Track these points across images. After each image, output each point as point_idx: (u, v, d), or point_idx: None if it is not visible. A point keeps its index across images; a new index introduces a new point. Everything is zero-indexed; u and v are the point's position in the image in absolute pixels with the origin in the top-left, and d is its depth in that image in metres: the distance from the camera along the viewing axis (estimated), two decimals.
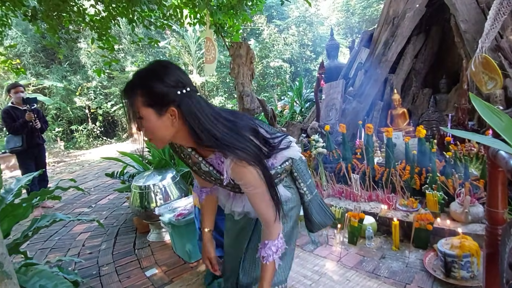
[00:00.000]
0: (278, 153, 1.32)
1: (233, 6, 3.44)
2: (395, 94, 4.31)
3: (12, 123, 4.13)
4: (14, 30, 10.95)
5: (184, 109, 1.10)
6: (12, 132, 4.19)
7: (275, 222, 1.23)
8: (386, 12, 4.64)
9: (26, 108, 4.17)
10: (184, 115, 1.10)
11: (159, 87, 1.07)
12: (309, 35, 15.50)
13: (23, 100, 4.18)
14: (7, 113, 4.21)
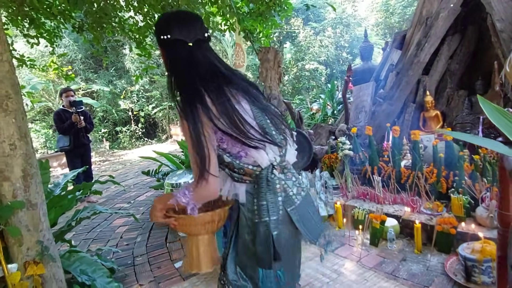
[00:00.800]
0: (250, 150, 1.26)
1: (262, 13, 3.57)
2: (428, 96, 4.22)
3: (61, 124, 4.56)
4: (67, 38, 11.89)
5: (166, 53, 1.30)
6: (61, 132, 4.62)
7: (197, 181, 1.18)
8: (419, 12, 4.54)
9: (73, 111, 4.58)
10: (166, 57, 1.30)
11: (156, 30, 1.32)
12: (345, 37, 15.29)
13: (71, 103, 4.59)
14: (58, 115, 4.65)
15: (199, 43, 1.28)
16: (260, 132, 1.27)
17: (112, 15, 3.34)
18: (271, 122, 1.33)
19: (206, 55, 1.31)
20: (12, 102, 1.91)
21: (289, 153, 1.35)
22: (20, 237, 1.93)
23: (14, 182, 1.91)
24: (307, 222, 1.35)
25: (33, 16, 3.22)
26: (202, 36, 1.30)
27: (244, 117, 1.25)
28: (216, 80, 1.27)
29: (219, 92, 1.25)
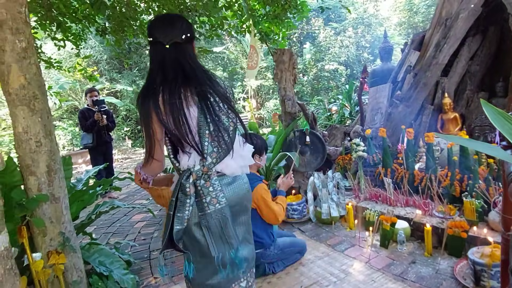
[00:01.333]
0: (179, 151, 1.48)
1: (277, 15, 3.63)
2: (446, 98, 4.15)
3: (85, 122, 4.77)
4: (93, 40, 12.34)
5: (150, 53, 1.49)
6: (84, 130, 4.83)
7: (145, 161, 1.47)
8: (439, 13, 4.47)
9: (95, 109, 4.78)
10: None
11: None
12: (367, 37, 15.08)
13: (94, 102, 4.80)
14: (82, 113, 4.87)
15: (175, 45, 1.44)
16: (194, 139, 1.42)
17: (134, 18, 3.49)
18: (210, 134, 1.44)
19: (178, 57, 1.45)
20: (39, 102, 2.05)
21: (226, 164, 1.47)
22: (44, 228, 2.08)
23: (39, 176, 2.05)
24: (215, 234, 1.44)
25: (60, 20, 3.41)
26: (179, 39, 1.44)
27: (188, 122, 1.41)
28: (176, 83, 1.42)
29: (173, 94, 1.40)
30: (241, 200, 1.53)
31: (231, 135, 1.49)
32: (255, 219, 2.43)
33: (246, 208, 1.59)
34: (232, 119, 1.51)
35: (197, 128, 1.43)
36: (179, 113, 1.40)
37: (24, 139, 2.01)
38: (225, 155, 1.47)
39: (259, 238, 2.43)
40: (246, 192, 1.56)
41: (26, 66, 1.99)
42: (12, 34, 1.92)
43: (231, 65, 15.03)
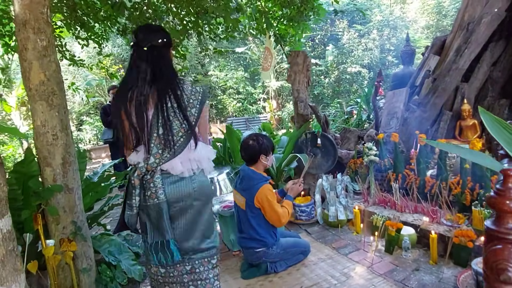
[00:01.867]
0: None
1: (292, 18, 3.65)
2: (465, 104, 4.04)
3: (106, 118, 4.97)
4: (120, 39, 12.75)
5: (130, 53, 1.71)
6: (105, 125, 5.03)
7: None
8: (461, 17, 4.36)
9: None
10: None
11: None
12: (392, 40, 14.78)
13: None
14: (104, 110, 5.07)
15: (152, 48, 1.65)
16: (144, 137, 1.62)
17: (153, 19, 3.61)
18: (157, 136, 1.62)
19: (152, 59, 1.65)
20: (57, 98, 2.18)
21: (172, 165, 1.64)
22: (57, 217, 2.21)
23: (54, 168, 2.18)
24: (153, 224, 1.66)
25: (84, 20, 3.58)
26: (156, 43, 1.66)
27: (146, 120, 1.61)
28: (144, 82, 1.63)
29: (140, 92, 1.61)
30: (185, 198, 1.67)
31: (180, 140, 1.64)
32: (259, 218, 2.48)
33: (192, 205, 1.69)
34: (184, 126, 1.64)
35: (149, 128, 1.62)
36: (140, 111, 1.61)
37: (42, 132, 2.14)
38: (171, 157, 1.63)
39: (261, 237, 2.47)
40: (192, 192, 1.67)
41: (46, 64, 2.12)
42: (34, 33, 2.05)
43: (253, 66, 15.13)
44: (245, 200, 2.48)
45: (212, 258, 1.78)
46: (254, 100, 14.76)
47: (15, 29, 2.07)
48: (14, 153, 7.94)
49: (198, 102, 1.70)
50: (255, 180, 2.48)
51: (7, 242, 1.01)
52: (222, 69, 14.47)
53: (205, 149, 1.77)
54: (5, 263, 1.00)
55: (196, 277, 1.75)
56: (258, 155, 2.50)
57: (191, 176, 1.69)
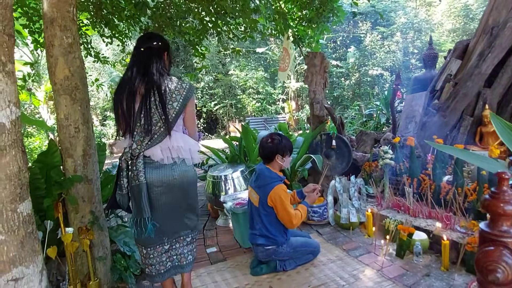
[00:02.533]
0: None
1: (311, 19, 3.66)
2: (486, 110, 3.94)
3: None
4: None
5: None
6: None
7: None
8: (485, 21, 4.24)
9: None
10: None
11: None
12: (416, 43, 14.47)
13: None
14: None
15: (148, 49, 1.94)
16: (130, 126, 1.87)
17: (174, 19, 3.71)
18: (140, 125, 1.87)
19: (146, 58, 1.92)
20: (80, 92, 2.28)
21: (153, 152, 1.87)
22: (76, 206, 2.31)
23: (75, 159, 2.28)
24: (137, 203, 1.87)
25: (109, 19, 3.72)
26: (151, 45, 1.95)
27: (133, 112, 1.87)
28: (136, 78, 1.89)
29: (132, 86, 1.87)
30: (165, 182, 1.90)
31: (160, 130, 1.88)
32: (271, 216, 2.51)
33: (173, 191, 1.93)
34: (163, 118, 1.86)
35: (134, 118, 1.87)
36: (129, 102, 1.87)
37: (64, 125, 2.25)
38: (151, 145, 1.87)
39: (272, 235, 2.50)
40: (172, 179, 1.91)
41: (71, 60, 2.22)
42: (60, 30, 2.16)
43: (273, 66, 15.14)
44: (259, 198, 2.51)
45: (187, 237, 2.07)
46: (273, 100, 14.78)
47: (43, 27, 2.18)
48: (40, 145, 8.27)
49: (181, 97, 1.91)
50: (270, 179, 2.51)
51: (27, 225, 1.09)
52: (243, 69, 14.56)
53: (186, 141, 1.96)
54: (24, 244, 1.07)
55: (172, 253, 2.04)
56: (274, 154, 2.54)
57: (171, 164, 1.91)
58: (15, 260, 1.04)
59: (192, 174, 2.01)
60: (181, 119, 1.99)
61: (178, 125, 1.98)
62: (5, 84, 0.96)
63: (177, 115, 1.91)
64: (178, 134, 1.95)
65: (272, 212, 2.50)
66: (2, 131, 0.97)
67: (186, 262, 2.09)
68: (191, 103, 1.99)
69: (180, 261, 2.07)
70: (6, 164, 1.00)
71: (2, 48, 0.95)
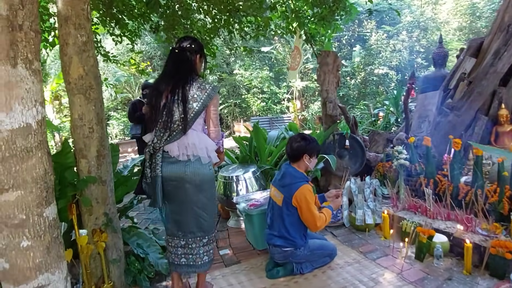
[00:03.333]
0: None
1: (324, 17, 3.60)
2: (502, 109, 3.87)
3: (134, 113, 5.04)
4: (148, 36, 13.01)
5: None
6: (131, 120, 5.10)
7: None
8: (501, 18, 4.16)
9: (145, 101, 5.01)
10: None
11: None
12: (422, 41, 14.36)
13: (143, 95, 5.05)
14: (133, 105, 5.14)
15: (181, 50, 2.07)
16: (157, 122, 2.00)
17: (185, 17, 3.66)
18: (161, 122, 1.99)
19: (178, 59, 2.06)
20: (94, 92, 2.23)
21: (170, 148, 2.00)
22: (90, 208, 2.26)
23: (89, 160, 2.24)
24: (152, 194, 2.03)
25: (119, 18, 3.67)
26: (186, 47, 2.07)
27: (157, 109, 2.00)
28: (167, 77, 2.04)
29: (162, 85, 2.02)
30: (178, 177, 2.01)
31: (179, 128, 1.98)
32: (293, 217, 2.46)
33: (184, 187, 2.02)
34: (183, 116, 1.96)
35: (161, 114, 2.00)
36: (157, 100, 2.02)
37: (79, 125, 2.20)
38: (170, 141, 1.98)
39: (291, 236, 2.45)
40: (183, 175, 2.00)
41: (85, 59, 2.17)
42: (75, 29, 2.11)
43: (278, 65, 15.08)
44: (283, 197, 2.46)
45: (203, 238, 2.13)
46: (278, 100, 14.72)
47: (58, 25, 2.14)
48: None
49: (202, 97, 2.00)
50: (296, 179, 2.47)
51: (52, 230, 1.04)
52: (247, 68, 14.50)
53: (201, 139, 2.04)
54: (50, 250, 1.03)
55: (188, 251, 2.12)
56: (302, 153, 2.51)
57: (186, 161, 2.00)
58: (41, 266, 1.00)
59: (205, 173, 2.06)
60: (202, 118, 2.07)
61: (197, 124, 2.05)
62: (31, 83, 0.92)
63: (196, 115, 1.99)
64: (195, 133, 2.02)
65: (295, 212, 2.45)
66: (28, 132, 0.93)
67: (201, 263, 2.14)
68: (213, 104, 2.05)
69: (195, 261, 2.14)
70: (32, 167, 0.95)
71: (29, 45, 0.91)
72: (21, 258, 0.98)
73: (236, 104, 14.56)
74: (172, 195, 2.04)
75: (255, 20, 3.52)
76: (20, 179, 0.95)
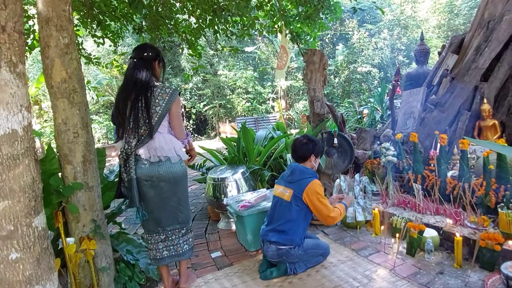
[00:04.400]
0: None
1: (309, 16, 3.60)
2: (485, 104, 3.96)
3: None
4: (130, 38, 12.80)
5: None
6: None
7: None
8: (481, 15, 4.26)
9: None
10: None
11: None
12: (403, 39, 14.63)
13: None
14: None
15: (139, 59, 2.18)
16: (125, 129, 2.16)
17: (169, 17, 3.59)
18: (129, 129, 2.12)
19: (137, 67, 2.15)
20: (78, 95, 2.17)
21: (141, 152, 2.14)
22: (77, 215, 2.19)
23: (75, 166, 2.17)
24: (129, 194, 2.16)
25: (100, 19, 3.58)
26: (143, 56, 2.18)
27: (124, 117, 2.15)
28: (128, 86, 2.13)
29: (125, 94, 2.14)
30: (153, 177, 2.15)
31: (145, 133, 2.11)
32: (300, 213, 2.50)
33: (160, 185, 2.18)
34: (147, 122, 2.10)
35: (125, 123, 2.15)
36: (123, 108, 2.15)
37: (63, 130, 2.13)
38: (139, 146, 2.12)
39: (291, 233, 2.46)
40: (158, 174, 2.15)
41: (68, 61, 2.11)
42: (56, 30, 2.04)
43: (262, 65, 15.08)
44: (292, 192, 2.49)
45: (182, 229, 2.32)
46: (263, 99, 14.72)
47: (38, 27, 2.06)
48: None
49: (164, 101, 2.13)
50: (306, 174, 2.53)
51: (42, 240, 0.99)
52: (231, 69, 14.45)
53: (168, 141, 2.18)
54: (40, 261, 0.97)
55: (169, 243, 2.29)
56: (310, 154, 2.61)
57: (157, 162, 2.15)
58: (32, 279, 0.95)
59: (177, 170, 2.22)
60: (167, 121, 2.21)
61: (163, 127, 2.19)
62: (16, 87, 0.87)
63: (160, 119, 2.14)
64: (161, 136, 2.17)
65: (303, 208, 2.48)
66: (14, 139, 0.87)
67: (182, 251, 2.33)
68: (175, 105, 2.18)
69: (177, 250, 2.32)
70: (20, 175, 0.90)
71: (12, 47, 0.86)
72: (10, 271, 0.93)
73: (221, 105, 14.49)
74: (148, 194, 2.19)
75: (240, 20, 3.49)
76: (7, 188, 0.90)
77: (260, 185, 3.88)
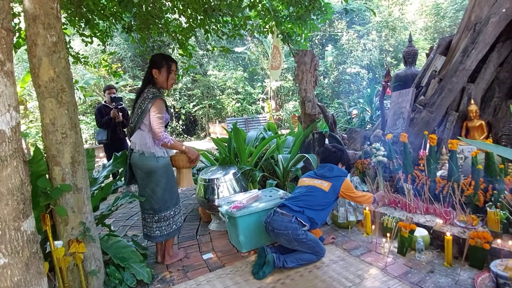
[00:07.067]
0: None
1: (300, 16, 3.61)
2: (472, 105, 4.03)
3: (101, 118, 4.84)
4: (118, 38, 12.63)
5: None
6: (99, 126, 4.89)
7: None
8: (468, 17, 4.34)
9: (112, 106, 4.82)
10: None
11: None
12: (391, 41, 14.81)
13: (111, 99, 4.85)
14: (99, 110, 4.94)
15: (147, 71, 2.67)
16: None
17: (159, 16, 3.55)
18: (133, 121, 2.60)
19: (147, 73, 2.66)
20: (66, 95, 2.11)
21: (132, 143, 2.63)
22: (66, 217, 2.14)
23: (63, 167, 2.12)
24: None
25: (89, 17, 3.51)
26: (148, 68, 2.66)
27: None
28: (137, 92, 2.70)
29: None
30: (135, 165, 2.65)
31: (136, 129, 2.60)
32: (330, 203, 2.79)
33: (137, 172, 2.68)
34: (139, 122, 2.56)
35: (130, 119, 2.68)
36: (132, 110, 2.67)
37: (51, 130, 2.07)
38: (130, 138, 2.64)
39: (310, 216, 2.68)
40: (136, 163, 2.63)
41: (56, 60, 2.05)
42: (44, 28, 1.99)
43: (252, 66, 15.08)
44: (331, 185, 2.76)
45: (154, 216, 2.69)
46: (253, 100, 14.71)
47: (25, 25, 2.00)
48: None
49: (144, 104, 2.53)
50: (343, 172, 2.89)
51: (31, 244, 0.95)
52: (221, 69, 14.41)
53: (140, 138, 2.57)
54: (29, 266, 0.94)
55: (145, 223, 2.77)
56: (338, 161, 2.96)
57: (137, 152, 2.60)
58: (20, 284, 0.91)
59: (149, 164, 2.58)
60: (147, 120, 2.55)
61: (143, 126, 2.58)
62: (4, 86, 0.83)
63: (139, 119, 2.56)
64: (139, 132, 2.58)
65: (335, 200, 2.81)
66: (2, 140, 0.84)
67: (153, 235, 2.73)
68: (153, 107, 2.51)
69: (149, 232, 2.75)
70: (8, 177, 0.86)
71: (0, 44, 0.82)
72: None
73: (211, 106, 14.43)
74: (137, 177, 2.71)
75: (232, 20, 3.47)
76: None
77: (252, 185, 3.87)
